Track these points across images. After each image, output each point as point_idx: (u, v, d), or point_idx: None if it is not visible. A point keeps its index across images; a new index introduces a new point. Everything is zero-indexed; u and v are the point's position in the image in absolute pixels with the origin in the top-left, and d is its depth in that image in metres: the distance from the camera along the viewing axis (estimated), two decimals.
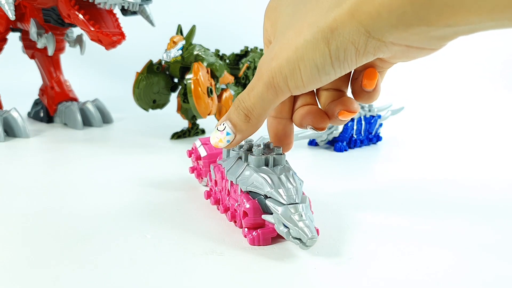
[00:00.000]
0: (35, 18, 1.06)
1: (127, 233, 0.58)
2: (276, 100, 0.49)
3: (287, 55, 0.45)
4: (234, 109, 0.52)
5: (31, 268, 0.49)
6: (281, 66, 0.46)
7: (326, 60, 0.44)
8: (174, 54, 0.96)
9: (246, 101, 0.50)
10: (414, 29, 0.41)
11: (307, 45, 0.44)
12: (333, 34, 0.43)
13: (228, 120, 0.52)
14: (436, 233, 0.61)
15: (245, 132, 0.52)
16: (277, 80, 0.47)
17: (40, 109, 1.24)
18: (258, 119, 0.51)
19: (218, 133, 0.53)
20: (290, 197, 0.53)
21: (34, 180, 0.78)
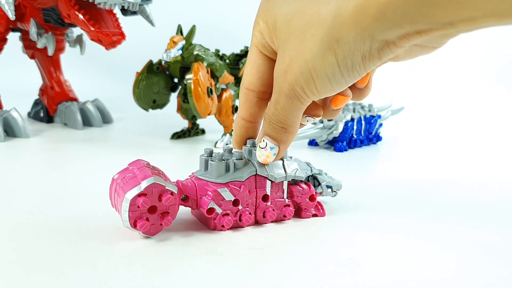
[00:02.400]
0: (35, 18, 1.06)
1: (127, 233, 0.58)
2: (302, 106, 0.51)
3: (299, 68, 0.47)
4: (268, 124, 0.54)
5: (31, 268, 0.49)
6: (296, 78, 0.48)
7: (335, 70, 0.45)
8: (174, 54, 0.96)
9: (276, 115, 0.52)
10: (417, 27, 0.41)
11: (315, 57, 0.46)
12: (339, 44, 0.44)
13: (267, 136, 0.55)
14: (436, 233, 0.61)
15: (287, 141, 0.55)
16: (297, 90, 0.49)
17: (40, 109, 1.24)
18: (294, 127, 0.54)
19: (262, 151, 0.56)
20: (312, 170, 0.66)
21: (34, 180, 0.78)
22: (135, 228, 0.54)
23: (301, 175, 0.63)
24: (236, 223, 0.60)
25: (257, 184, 0.60)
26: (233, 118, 1.05)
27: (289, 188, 0.62)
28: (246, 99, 0.57)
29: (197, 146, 1.05)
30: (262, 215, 0.61)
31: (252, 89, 0.56)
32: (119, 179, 0.56)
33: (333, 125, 1.01)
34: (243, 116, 0.58)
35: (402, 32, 0.42)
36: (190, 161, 0.96)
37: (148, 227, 0.54)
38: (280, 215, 0.62)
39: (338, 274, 0.49)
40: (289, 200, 0.63)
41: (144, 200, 0.53)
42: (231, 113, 1.05)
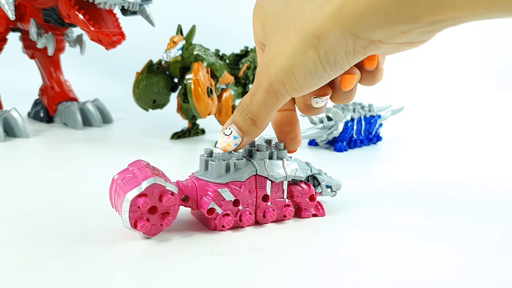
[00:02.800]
0: (35, 18, 1.06)
1: (127, 233, 0.58)
2: (278, 103, 0.51)
3: (280, 63, 0.47)
4: (239, 113, 0.53)
5: (31, 268, 0.49)
6: (277, 73, 0.48)
7: (318, 65, 0.46)
8: (174, 54, 0.96)
9: (249, 106, 0.52)
10: (400, 27, 0.41)
11: (297, 53, 0.46)
12: (320, 40, 0.44)
13: (234, 124, 0.54)
14: (437, 233, 0.61)
15: (252, 135, 0.55)
16: (276, 86, 0.49)
17: (40, 109, 1.24)
18: (264, 122, 0.53)
19: (225, 137, 0.55)
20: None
21: (34, 180, 0.78)
22: (135, 228, 0.54)
23: (301, 175, 0.63)
24: (237, 223, 0.60)
25: (257, 184, 0.60)
26: None
27: (289, 188, 0.62)
28: None
29: (197, 146, 1.05)
30: (262, 215, 0.61)
31: None
32: (119, 180, 0.56)
33: (333, 125, 1.01)
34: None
35: (386, 32, 0.42)
36: (190, 161, 0.96)
37: (148, 228, 0.54)
38: (280, 215, 0.62)
39: (338, 274, 0.49)
40: (289, 200, 0.63)
41: (144, 201, 0.53)
42: (231, 113, 1.05)
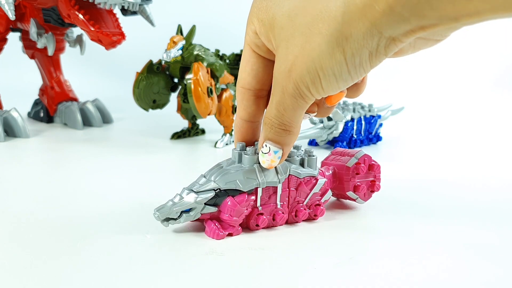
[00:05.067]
0: (35, 18, 1.06)
1: (127, 233, 0.58)
2: (306, 105, 0.50)
3: (306, 66, 0.46)
4: (269, 128, 0.52)
5: (31, 268, 0.49)
6: (302, 76, 0.47)
7: (343, 68, 0.45)
8: (174, 54, 0.96)
9: (279, 117, 0.51)
10: (424, 22, 0.41)
11: (323, 55, 0.45)
12: (348, 41, 0.43)
13: (268, 140, 0.53)
14: (437, 232, 0.61)
15: (290, 143, 0.54)
16: (302, 89, 0.48)
17: (40, 109, 1.24)
18: (297, 127, 0.53)
19: (266, 156, 0.54)
20: None
21: (34, 180, 0.78)
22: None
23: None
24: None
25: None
26: (233, 118, 1.05)
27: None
28: (243, 98, 0.56)
29: (197, 146, 1.05)
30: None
31: (248, 88, 0.55)
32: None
33: (333, 125, 1.01)
34: (242, 116, 0.57)
35: (408, 28, 0.42)
36: (190, 161, 0.96)
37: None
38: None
39: (338, 274, 0.49)
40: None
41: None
42: (231, 113, 1.05)
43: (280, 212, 0.59)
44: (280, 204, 0.59)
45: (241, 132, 0.58)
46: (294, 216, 0.61)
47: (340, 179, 0.65)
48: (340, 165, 0.65)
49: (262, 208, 0.58)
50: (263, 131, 0.54)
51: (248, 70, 0.55)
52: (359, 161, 0.65)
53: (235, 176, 0.56)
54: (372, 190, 0.66)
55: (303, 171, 0.60)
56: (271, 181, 0.57)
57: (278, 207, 0.59)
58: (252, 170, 0.56)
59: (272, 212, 0.59)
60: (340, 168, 0.65)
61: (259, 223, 0.58)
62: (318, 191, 0.62)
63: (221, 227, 0.56)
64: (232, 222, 0.56)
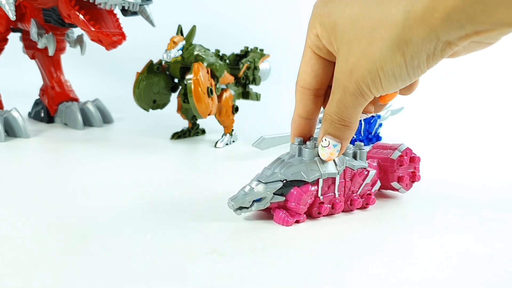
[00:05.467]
0: (36, 18, 1.06)
1: (127, 233, 0.58)
2: (365, 102, 0.54)
3: (367, 67, 0.50)
4: (329, 124, 0.56)
5: (31, 268, 0.49)
6: (363, 76, 0.51)
7: (403, 69, 0.49)
8: (174, 54, 0.96)
9: (339, 113, 0.55)
10: (478, 28, 0.44)
11: (384, 57, 0.49)
12: (408, 45, 0.47)
13: (328, 135, 0.57)
14: (437, 232, 0.61)
15: (349, 138, 0.58)
16: (363, 88, 0.52)
17: (40, 109, 1.24)
18: (355, 123, 0.56)
19: (326, 149, 0.58)
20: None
21: (34, 180, 0.78)
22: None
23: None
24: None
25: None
26: (233, 118, 1.06)
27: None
28: (302, 97, 0.60)
29: (197, 146, 1.05)
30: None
31: (307, 88, 0.59)
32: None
33: None
34: (300, 114, 0.61)
35: (464, 33, 0.44)
36: (190, 161, 0.96)
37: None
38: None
39: (338, 274, 0.50)
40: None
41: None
42: (231, 113, 1.05)
43: (338, 201, 0.64)
44: (338, 194, 0.65)
45: (298, 129, 0.62)
46: (349, 205, 0.66)
47: (385, 170, 0.71)
48: (384, 157, 0.71)
49: (323, 197, 0.63)
50: (323, 126, 0.58)
51: (309, 71, 0.58)
52: (402, 153, 0.71)
53: (299, 168, 0.61)
54: (413, 181, 0.73)
55: (356, 163, 0.66)
56: (331, 172, 0.62)
57: (336, 197, 0.64)
58: (314, 162, 0.61)
59: (331, 201, 0.64)
60: (384, 160, 0.71)
61: (321, 211, 0.63)
62: (369, 181, 0.67)
63: (288, 216, 0.61)
64: (298, 210, 0.61)
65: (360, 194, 0.67)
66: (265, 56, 1.16)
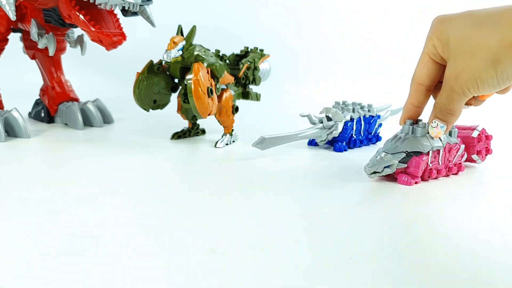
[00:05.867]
0: (36, 19, 1.06)
1: (127, 232, 0.58)
2: (466, 99, 0.72)
3: (469, 76, 0.68)
4: (438, 111, 0.75)
5: (29, 268, 0.49)
6: (466, 82, 0.69)
7: (494, 80, 0.67)
8: (175, 55, 0.97)
9: (446, 105, 0.73)
10: None
11: (481, 71, 0.67)
12: (499, 63, 0.65)
13: (437, 119, 0.75)
14: (438, 232, 0.61)
15: (453, 122, 0.76)
16: (464, 90, 0.70)
17: (41, 109, 1.24)
18: (459, 112, 0.74)
19: (434, 129, 0.76)
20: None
21: (35, 180, 0.78)
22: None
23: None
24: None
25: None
26: (233, 118, 1.06)
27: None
28: (416, 90, 0.78)
29: (197, 146, 1.05)
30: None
31: (421, 83, 0.77)
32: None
33: (332, 125, 1.01)
34: (413, 103, 0.79)
35: None
36: (191, 161, 0.96)
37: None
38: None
39: (338, 274, 0.50)
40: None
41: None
42: (231, 113, 1.05)
43: (441, 168, 0.83)
44: (441, 163, 0.83)
45: (409, 113, 0.81)
46: (447, 171, 0.85)
47: (467, 146, 0.90)
48: (466, 136, 0.90)
49: (432, 165, 0.82)
50: (433, 112, 0.76)
51: (424, 71, 0.76)
52: (480, 133, 0.91)
53: (416, 142, 0.79)
54: (487, 154, 0.93)
55: (452, 140, 0.85)
56: (438, 145, 0.81)
57: (440, 164, 0.83)
58: (425, 138, 0.80)
59: (436, 168, 0.83)
60: (466, 138, 0.90)
61: (430, 175, 0.82)
62: (460, 154, 0.87)
63: (409, 178, 0.80)
64: (417, 174, 0.80)
65: (454, 163, 0.86)
66: (265, 56, 1.16)
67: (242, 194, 0.74)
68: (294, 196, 0.74)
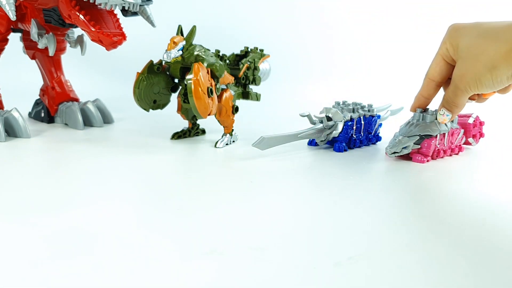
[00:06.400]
0: (36, 19, 1.06)
1: (128, 232, 0.58)
2: (468, 95, 0.85)
3: (471, 77, 0.82)
4: (445, 102, 0.89)
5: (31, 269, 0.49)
6: (468, 82, 0.82)
7: (490, 82, 0.80)
8: (175, 55, 0.97)
9: (452, 98, 0.87)
10: None
11: (481, 74, 0.80)
12: (495, 69, 0.79)
13: (444, 108, 0.90)
14: (439, 232, 0.61)
15: (457, 112, 0.90)
16: (467, 88, 0.83)
17: (41, 109, 1.24)
18: (462, 105, 0.88)
19: (442, 116, 0.91)
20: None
21: (35, 180, 0.78)
22: None
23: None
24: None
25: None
26: (233, 118, 1.06)
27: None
28: (427, 85, 0.93)
29: (197, 146, 1.05)
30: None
31: (433, 80, 0.92)
32: None
33: (332, 125, 1.01)
34: (424, 95, 0.94)
35: None
36: (191, 160, 0.96)
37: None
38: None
39: (338, 274, 0.50)
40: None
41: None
42: (231, 113, 1.05)
43: (446, 149, 0.98)
44: (446, 144, 0.97)
45: (419, 103, 0.96)
46: (451, 151, 1.00)
47: (465, 130, 1.04)
48: (463, 122, 1.06)
49: (439, 146, 0.96)
50: (442, 102, 0.90)
51: (437, 69, 0.90)
52: (475, 119, 1.07)
53: (428, 126, 0.94)
54: (480, 137, 1.09)
55: (454, 125, 0.99)
56: (444, 129, 0.95)
57: (445, 145, 0.97)
58: (434, 123, 0.94)
59: (443, 149, 0.98)
60: (463, 124, 1.05)
61: (438, 155, 0.97)
62: (460, 137, 1.01)
63: (423, 156, 0.94)
64: (428, 153, 0.94)
65: (456, 145, 1.01)
66: (265, 56, 1.16)
67: (243, 194, 0.75)
68: (295, 196, 0.74)
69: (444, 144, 0.97)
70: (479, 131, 1.09)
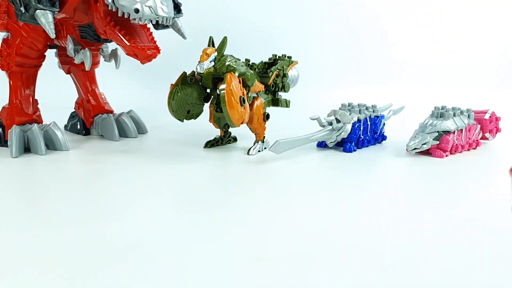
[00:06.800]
0: (72, 35, 1.09)
1: (171, 242, 0.60)
2: None
3: None
4: None
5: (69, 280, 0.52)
6: None
7: None
8: (207, 66, 0.99)
9: None
10: None
11: None
12: None
13: None
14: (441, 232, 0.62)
15: None
16: None
17: (76, 122, 1.28)
18: None
19: None
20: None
21: (78, 192, 0.81)
22: None
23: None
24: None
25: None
26: (264, 125, 1.08)
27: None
28: None
29: (230, 153, 1.07)
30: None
31: None
32: None
33: (341, 127, 1.04)
34: None
35: None
36: (225, 168, 0.98)
37: None
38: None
39: (338, 274, 0.51)
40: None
41: None
42: (263, 121, 1.07)
43: (463, 144, 1.05)
44: (463, 140, 1.04)
45: None
46: (468, 146, 1.06)
47: (481, 126, 1.11)
48: (480, 118, 1.11)
49: (457, 141, 1.02)
50: None
51: None
52: (491, 115, 1.13)
53: (446, 124, 1.01)
54: (497, 132, 1.15)
55: (471, 121, 1.07)
56: (461, 126, 1.02)
57: (462, 141, 1.04)
58: (451, 120, 1.01)
59: (460, 144, 1.04)
60: (480, 120, 1.11)
61: (457, 150, 1.03)
62: (477, 132, 1.08)
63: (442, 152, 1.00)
64: (447, 148, 1.00)
65: (473, 140, 1.07)
66: (293, 63, 1.18)
67: (280, 200, 0.76)
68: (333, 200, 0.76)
69: (462, 139, 1.04)
70: (496, 126, 1.14)
